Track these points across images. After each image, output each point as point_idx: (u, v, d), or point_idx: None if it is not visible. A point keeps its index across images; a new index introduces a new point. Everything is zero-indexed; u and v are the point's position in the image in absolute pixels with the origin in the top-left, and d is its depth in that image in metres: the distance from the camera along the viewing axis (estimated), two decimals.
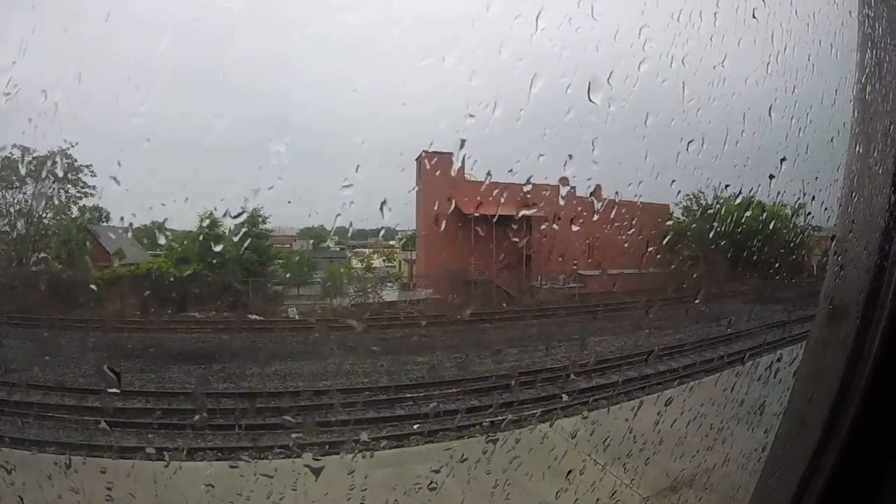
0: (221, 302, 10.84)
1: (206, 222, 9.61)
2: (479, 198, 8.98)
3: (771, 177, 4.15)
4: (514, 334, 11.51)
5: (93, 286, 7.01)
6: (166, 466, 3.98)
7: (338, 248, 14.37)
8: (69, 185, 10.37)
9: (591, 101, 3.26)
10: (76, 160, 9.49)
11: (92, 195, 10.22)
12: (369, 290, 13.49)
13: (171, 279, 10.35)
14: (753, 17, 3.75)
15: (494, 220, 10.23)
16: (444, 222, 11.43)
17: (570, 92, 3.49)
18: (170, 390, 7.85)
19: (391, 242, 14.33)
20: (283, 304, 12.31)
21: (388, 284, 13.93)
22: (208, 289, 10.90)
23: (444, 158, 8.48)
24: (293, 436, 5.79)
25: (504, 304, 13.24)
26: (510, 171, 4.63)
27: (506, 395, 8.35)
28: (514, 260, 13.29)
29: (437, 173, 7.52)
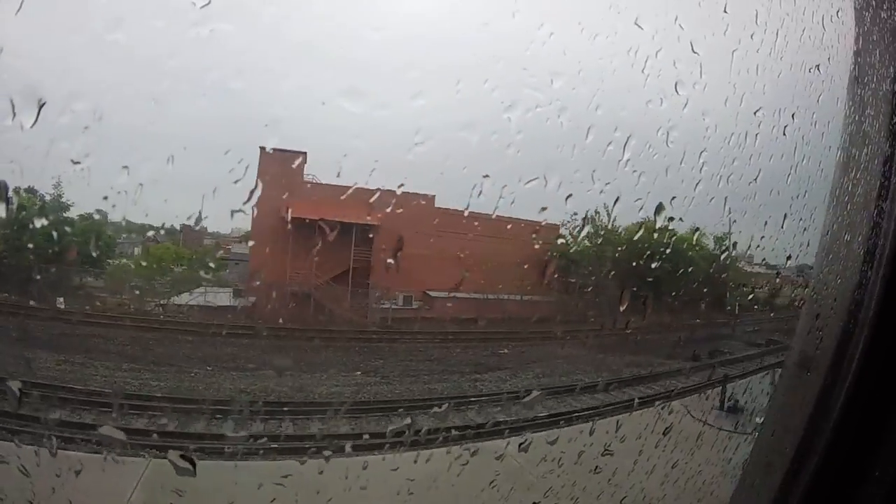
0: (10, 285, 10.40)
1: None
2: (316, 201, 8.73)
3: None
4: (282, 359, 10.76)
5: None
6: None
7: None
8: None
9: None
10: None
11: None
12: (169, 290, 12.24)
13: None
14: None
15: (328, 226, 10.05)
16: (272, 225, 10.79)
17: None
18: None
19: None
20: (76, 295, 11.32)
21: (202, 287, 12.68)
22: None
23: (287, 157, 8.04)
24: None
25: (292, 323, 12.20)
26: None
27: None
28: (345, 272, 12.75)
29: (276, 173, 7.19)
